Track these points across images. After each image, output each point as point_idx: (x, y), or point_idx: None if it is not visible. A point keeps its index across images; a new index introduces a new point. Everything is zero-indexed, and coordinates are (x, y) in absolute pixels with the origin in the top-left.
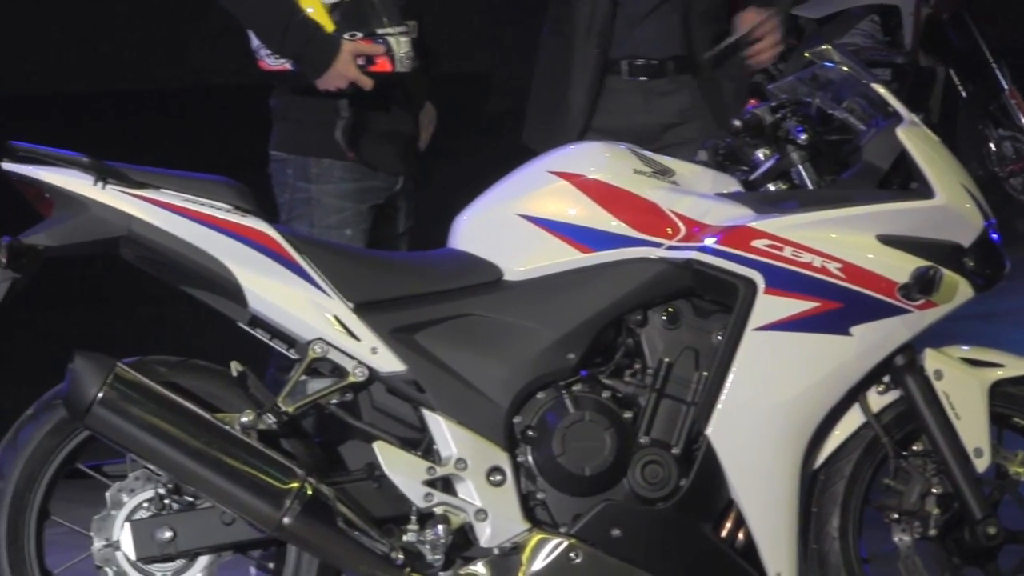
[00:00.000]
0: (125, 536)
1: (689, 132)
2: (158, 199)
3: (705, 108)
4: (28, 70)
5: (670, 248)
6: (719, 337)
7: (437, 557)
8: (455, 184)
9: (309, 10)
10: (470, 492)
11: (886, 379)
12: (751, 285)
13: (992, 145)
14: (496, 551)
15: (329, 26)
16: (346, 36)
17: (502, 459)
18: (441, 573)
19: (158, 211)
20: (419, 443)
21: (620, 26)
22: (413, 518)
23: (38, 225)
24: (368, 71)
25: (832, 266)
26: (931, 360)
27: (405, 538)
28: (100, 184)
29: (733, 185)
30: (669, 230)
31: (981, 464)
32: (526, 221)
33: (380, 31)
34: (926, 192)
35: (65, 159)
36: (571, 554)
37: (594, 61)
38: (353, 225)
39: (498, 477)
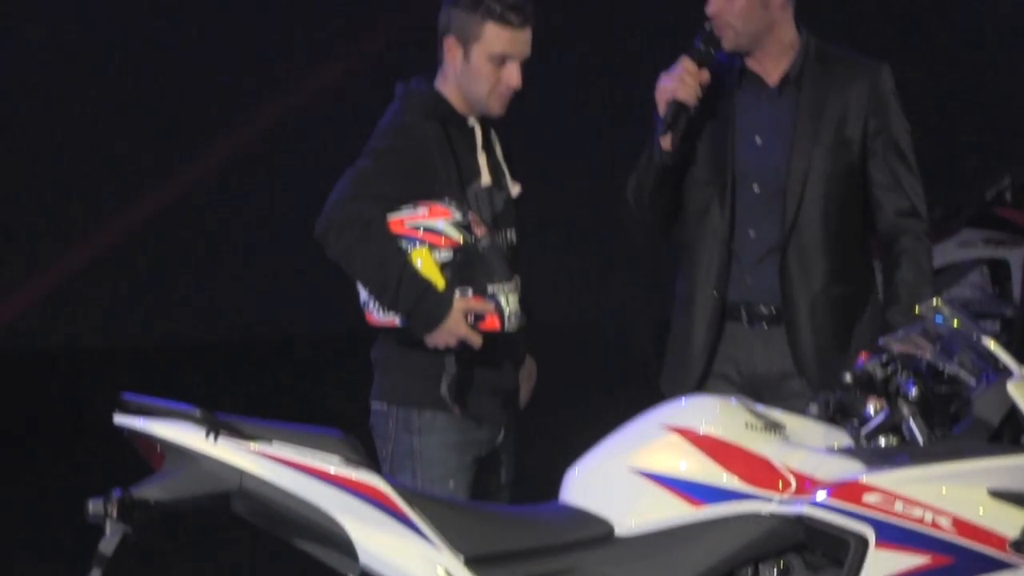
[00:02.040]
0: None
1: (804, 383)
2: (269, 452)
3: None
4: (139, 322)
5: (781, 503)
6: None
7: None
8: (556, 436)
9: (419, 262)
10: None
11: None
12: (862, 540)
13: None
14: None
15: (440, 282)
16: (457, 292)
17: None
18: None
19: (269, 464)
20: None
21: (736, 272)
22: None
23: (149, 478)
24: (477, 328)
25: (943, 520)
26: None
27: None
28: (211, 437)
29: (844, 439)
30: (780, 484)
31: None
32: (639, 475)
33: (490, 288)
34: None
35: (176, 412)
36: None
37: (712, 305)
38: (456, 477)
39: None
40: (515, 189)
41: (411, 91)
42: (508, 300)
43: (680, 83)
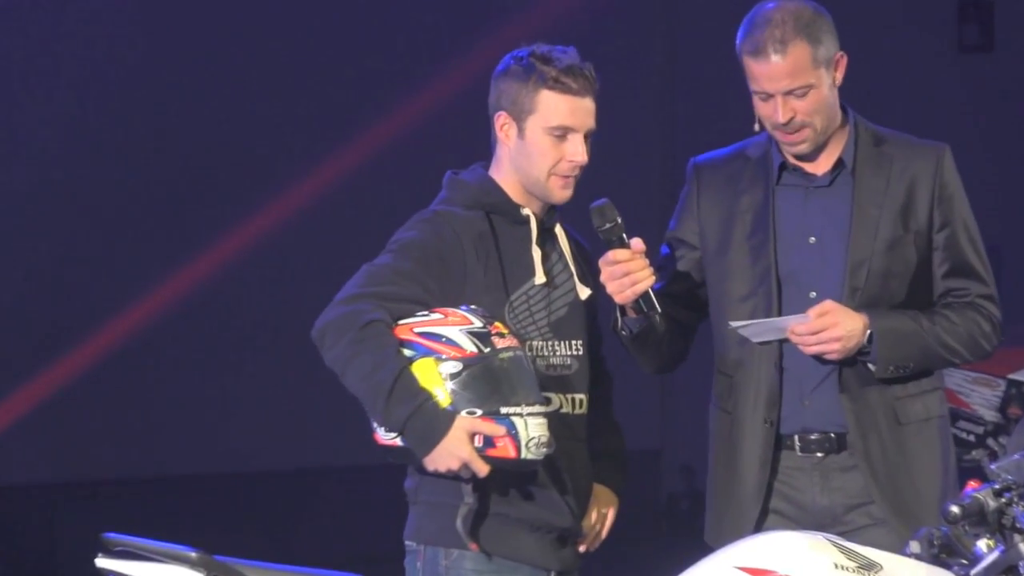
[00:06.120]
0: None
1: (880, 511)
2: None
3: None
4: (130, 452)
5: None
6: None
7: None
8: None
9: (420, 372)
10: None
11: None
12: None
13: None
14: None
15: (445, 398)
16: (463, 412)
17: None
18: None
19: None
20: None
21: (790, 396)
22: None
23: None
24: (486, 454)
25: None
26: None
27: None
28: None
29: None
30: None
31: None
32: None
33: (505, 409)
34: None
35: (169, 553)
36: None
37: (764, 439)
38: None
39: None
40: (584, 292)
41: (458, 179)
42: (527, 424)
43: (627, 280)
